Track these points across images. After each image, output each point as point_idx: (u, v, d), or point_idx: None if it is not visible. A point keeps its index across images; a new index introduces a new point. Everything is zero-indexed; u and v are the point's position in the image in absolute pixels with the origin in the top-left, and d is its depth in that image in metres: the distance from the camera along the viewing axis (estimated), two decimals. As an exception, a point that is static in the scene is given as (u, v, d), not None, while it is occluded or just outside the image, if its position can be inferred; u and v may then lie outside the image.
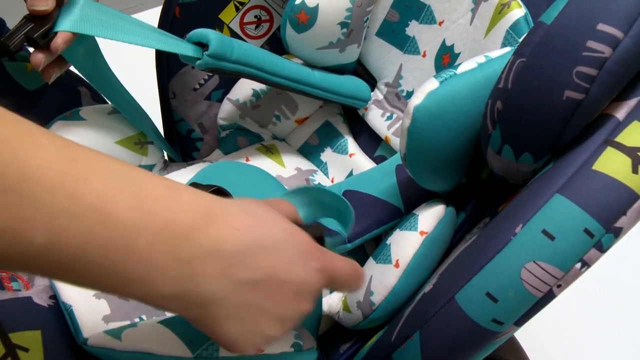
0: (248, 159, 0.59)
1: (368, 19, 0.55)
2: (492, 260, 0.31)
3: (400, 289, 0.41)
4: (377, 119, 0.57)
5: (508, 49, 0.39)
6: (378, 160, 0.58)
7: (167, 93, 0.58)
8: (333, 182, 0.59)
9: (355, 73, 0.61)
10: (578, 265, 0.29)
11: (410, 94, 0.56)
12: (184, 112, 0.59)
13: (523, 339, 0.56)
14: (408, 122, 0.38)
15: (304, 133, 0.62)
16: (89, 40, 0.46)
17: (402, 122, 0.39)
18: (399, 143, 0.40)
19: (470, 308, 0.31)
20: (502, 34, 0.42)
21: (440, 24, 0.52)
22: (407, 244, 0.42)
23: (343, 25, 0.53)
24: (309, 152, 0.62)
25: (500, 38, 0.42)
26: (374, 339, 0.41)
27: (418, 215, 0.43)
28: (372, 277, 0.43)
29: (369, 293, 0.42)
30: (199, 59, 0.47)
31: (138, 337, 0.33)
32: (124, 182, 0.24)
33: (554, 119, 0.31)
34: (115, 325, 0.35)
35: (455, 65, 0.38)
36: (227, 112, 0.58)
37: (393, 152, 0.57)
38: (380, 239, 0.49)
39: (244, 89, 0.58)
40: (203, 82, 0.58)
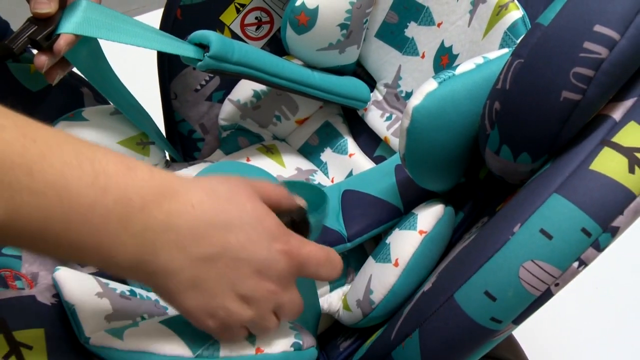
0: (249, 159, 0.60)
1: (367, 21, 0.56)
2: (490, 259, 0.31)
3: (400, 288, 0.41)
4: (376, 120, 0.58)
5: (506, 50, 0.39)
6: (377, 161, 0.58)
7: (168, 94, 0.58)
8: (333, 181, 0.59)
9: (355, 74, 0.61)
10: (575, 264, 0.29)
11: (409, 95, 0.56)
12: (186, 112, 0.59)
13: (521, 337, 0.56)
14: (407, 122, 0.38)
15: (304, 133, 0.62)
16: (92, 42, 0.46)
17: (401, 122, 0.39)
18: (398, 143, 0.40)
19: (469, 306, 0.31)
20: (500, 36, 0.42)
21: (439, 26, 0.52)
22: (406, 243, 0.42)
23: (343, 27, 0.53)
24: (309, 152, 0.62)
25: (498, 39, 0.42)
26: (374, 337, 0.41)
27: (417, 215, 0.43)
28: (371, 276, 0.43)
29: (369, 292, 0.43)
30: (200, 61, 0.47)
31: (139, 336, 0.33)
32: (81, 160, 0.26)
33: (552, 120, 0.31)
34: (117, 325, 0.35)
35: (454, 66, 0.38)
36: (228, 112, 0.59)
37: (392, 152, 0.57)
38: (380, 238, 0.50)
39: (245, 90, 0.58)
40: (204, 83, 0.58)
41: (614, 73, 0.29)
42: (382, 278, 0.42)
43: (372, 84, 0.60)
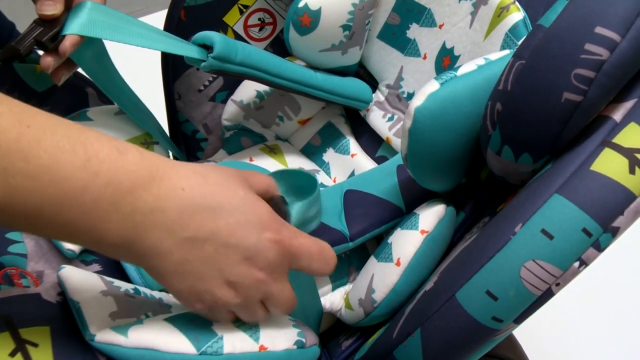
0: (252, 159, 0.60)
1: (369, 22, 0.56)
2: (492, 259, 0.31)
3: (401, 287, 0.42)
4: (378, 120, 0.58)
5: (507, 52, 0.40)
6: (379, 161, 0.59)
7: (172, 94, 0.58)
8: (335, 181, 0.60)
9: (357, 75, 0.61)
10: (576, 264, 0.29)
11: (411, 96, 0.56)
12: (189, 113, 0.59)
13: (521, 336, 0.56)
14: (409, 123, 0.38)
15: (307, 134, 0.62)
16: (97, 43, 0.46)
17: (403, 123, 0.39)
18: (400, 144, 0.41)
19: (471, 306, 0.32)
20: (501, 37, 0.43)
21: (441, 27, 0.52)
22: (408, 243, 0.42)
23: (345, 28, 0.54)
24: (312, 152, 0.63)
25: (500, 41, 0.43)
26: (376, 336, 0.42)
27: (419, 215, 0.44)
28: (373, 275, 0.44)
29: (371, 291, 0.43)
30: (204, 61, 0.47)
31: (144, 333, 0.34)
32: (74, 145, 0.27)
33: (553, 120, 0.31)
34: (122, 322, 0.36)
35: (456, 68, 0.39)
36: (231, 113, 0.59)
37: (394, 152, 0.57)
38: (382, 238, 0.50)
39: (248, 91, 0.58)
40: (208, 83, 0.59)
41: (615, 74, 0.30)
42: (384, 277, 0.42)
43: (374, 85, 0.60)
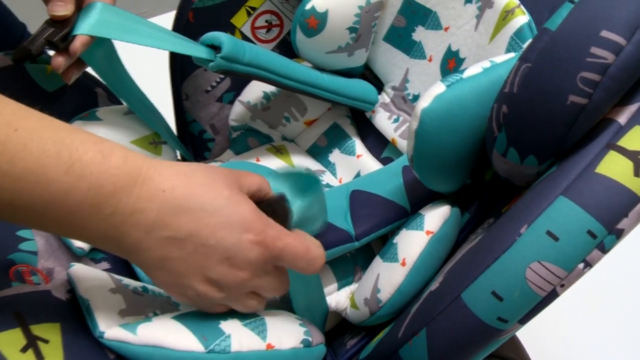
0: (258, 159, 0.60)
1: (376, 24, 0.56)
2: (497, 260, 0.31)
3: (407, 287, 0.42)
4: (384, 122, 0.58)
5: (512, 55, 0.40)
6: (385, 162, 0.59)
7: (180, 95, 0.59)
8: (341, 182, 0.60)
9: (363, 76, 0.61)
10: (581, 266, 0.29)
11: (417, 98, 0.56)
12: (197, 113, 0.60)
13: (523, 337, 0.57)
14: (415, 124, 0.38)
15: (313, 134, 0.63)
16: (107, 43, 0.47)
17: (409, 124, 0.39)
18: (407, 145, 0.41)
19: (476, 306, 0.32)
20: (506, 40, 0.43)
21: (446, 30, 0.53)
22: (413, 243, 0.42)
23: (352, 30, 0.54)
24: (318, 153, 0.63)
25: (505, 44, 0.43)
26: (381, 335, 0.42)
27: (424, 215, 0.44)
28: (379, 274, 0.44)
29: (376, 290, 0.43)
30: (212, 61, 0.48)
31: (153, 331, 0.34)
32: (59, 149, 0.28)
33: (558, 123, 0.32)
34: (131, 320, 0.36)
35: (461, 70, 0.39)
36: (238, 113, 0.59)
37: (399, 153, 0.57)
38: (387, 238, 0.50)
39: (255, 91, 0.59)
40: (215, 84, 0.59)
41: (620, 77, 0.30)
42: (389, 277, 0.43)
43: (379, 87, 0.60)
